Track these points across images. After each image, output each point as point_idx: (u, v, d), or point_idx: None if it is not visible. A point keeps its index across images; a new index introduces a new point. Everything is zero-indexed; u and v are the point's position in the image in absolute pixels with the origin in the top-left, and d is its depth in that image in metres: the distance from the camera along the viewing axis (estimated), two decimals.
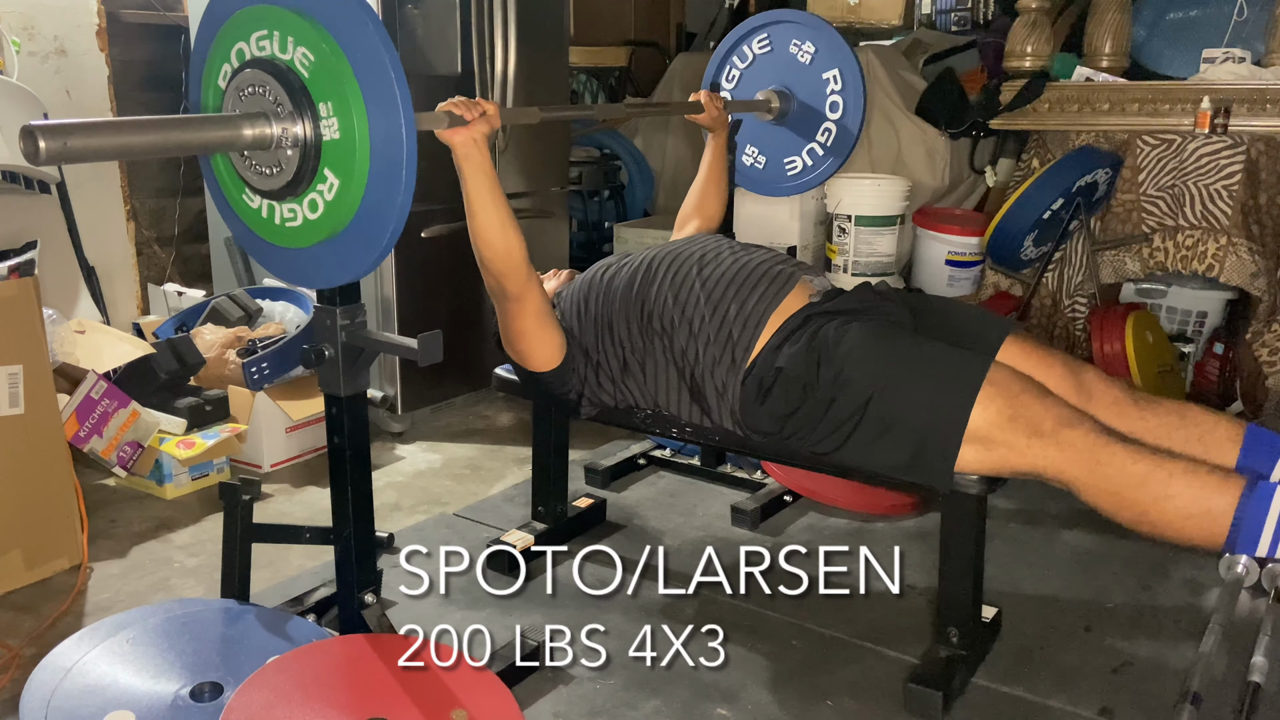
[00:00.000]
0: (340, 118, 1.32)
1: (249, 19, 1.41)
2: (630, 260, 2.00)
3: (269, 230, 1.46)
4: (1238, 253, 3.04)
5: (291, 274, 1.50)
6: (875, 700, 1.76)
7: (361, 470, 1.72)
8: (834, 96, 2.58)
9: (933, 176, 3.73)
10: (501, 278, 1.77)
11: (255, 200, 1.46)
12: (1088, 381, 1.85)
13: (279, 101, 1.35)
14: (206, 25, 1.49)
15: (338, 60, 1.31)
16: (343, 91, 1.31)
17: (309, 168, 1.36)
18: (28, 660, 1.80)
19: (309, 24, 1.33)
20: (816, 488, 2.48)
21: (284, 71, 1.35)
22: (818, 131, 2.61)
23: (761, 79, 2.69)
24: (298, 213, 1.40)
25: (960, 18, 4.67)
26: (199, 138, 1.35)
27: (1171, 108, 3.06)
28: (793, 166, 2.68)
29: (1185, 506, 1.56)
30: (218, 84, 1.46)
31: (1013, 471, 1.65)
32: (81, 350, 2.69)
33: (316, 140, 1.34)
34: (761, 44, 2.68)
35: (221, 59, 1.45)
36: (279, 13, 1.37)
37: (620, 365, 1.94)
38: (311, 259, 1.43)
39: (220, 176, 1.52)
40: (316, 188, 1.37)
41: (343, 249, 1.38)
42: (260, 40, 1.39)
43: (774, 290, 1.87)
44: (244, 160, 1.42)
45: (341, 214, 1.35)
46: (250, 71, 1.38)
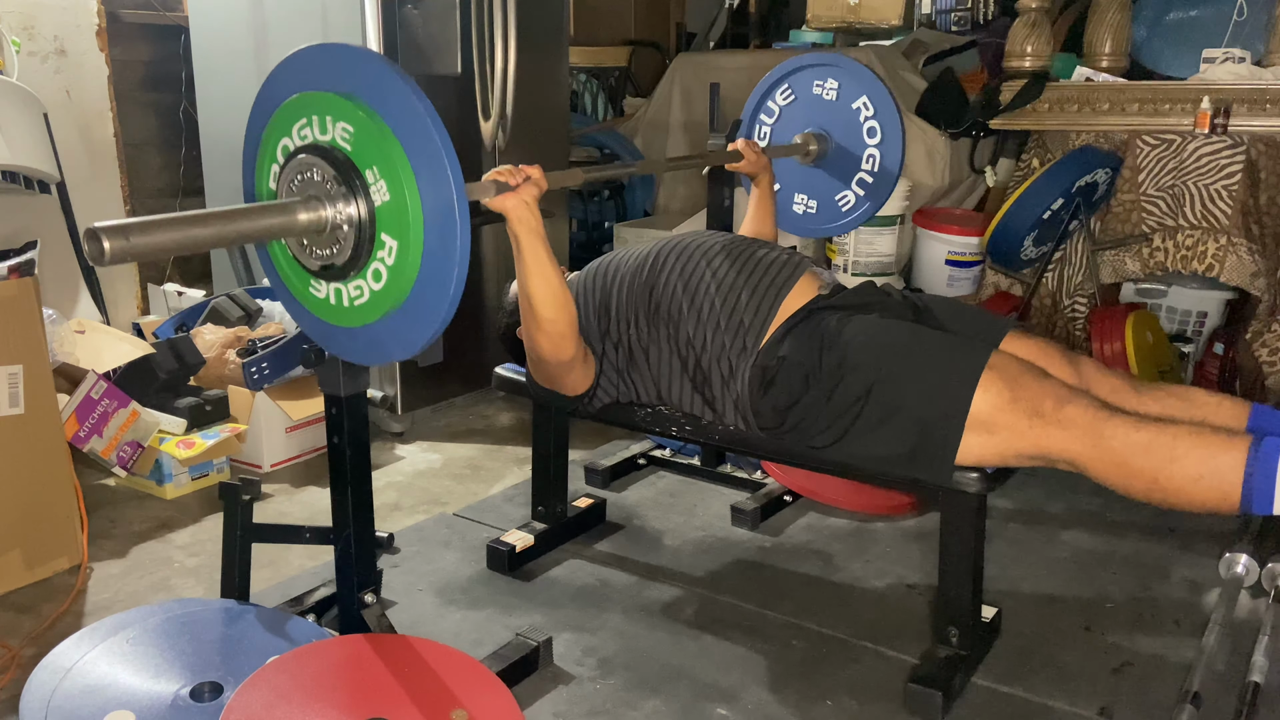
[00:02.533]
0: (388, 179, 1.34)
1: (287, 114, 1.44)
2: (636, 251, 2.01)
3: (340, 314, 1.47)
4: (1238, 253, 3.04)
5: (371, 353, 1.49)
6: (875, 700, 1.76)
7: (361, 470, 1.72)
8: (869, 123, 2.57)
9: (933, 176, 3.73)
10: (559, 340, 1.79)
11: (322, 289, 1.48)
12: (1086, 372, 1.85)
13: (327, 179, 1.37)
14: (251, 136, 1.52)
15: (376, 125, 1.33)
16: (386, 153, 1.33)
17: (366, 236, 1.38)
18: (28, 660, 1.80)
19: (344, 100, 1.36)
20: (816, 488, 2.48)
21: (327, 150, 1.38)
22: (862, 160, 2.60)
23: (793, 128, 2.68)
24: (363, 288, 1.42)
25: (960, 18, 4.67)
26: (256, 226, 1.36)
27: (1171, 108, 3.06)
28: (845, 201, 2.66)
29: (1193, 467, 1.53)
30: (269, 186, 1.48)
31: (1019, 457, 1.65)
32: (81, 350, 2.69)
33: (369, 208, 1.37)
34: (784, 95, 2.67)
35: (270, 160, 1.48)
36: (314, 98, 1.40)
37: (625, 356, 1.95)
38: (386, 331, 1.44)
39: (285, 274, 1.53)
40: (377, 256, 1.38)
41: (413, 311, 1.39)
42: (301, 130, 1.42)
43: (784, 278, 1.88)
44: (304, 249, 1.44)
45: (405, 276, 1.36)
46: (296, 161, 1.41)
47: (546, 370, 1.88)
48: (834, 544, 2.35)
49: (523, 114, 3.09)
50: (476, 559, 2.24)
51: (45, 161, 2.92)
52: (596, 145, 4.44)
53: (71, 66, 3.25)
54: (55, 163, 2.97)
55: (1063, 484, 2.58)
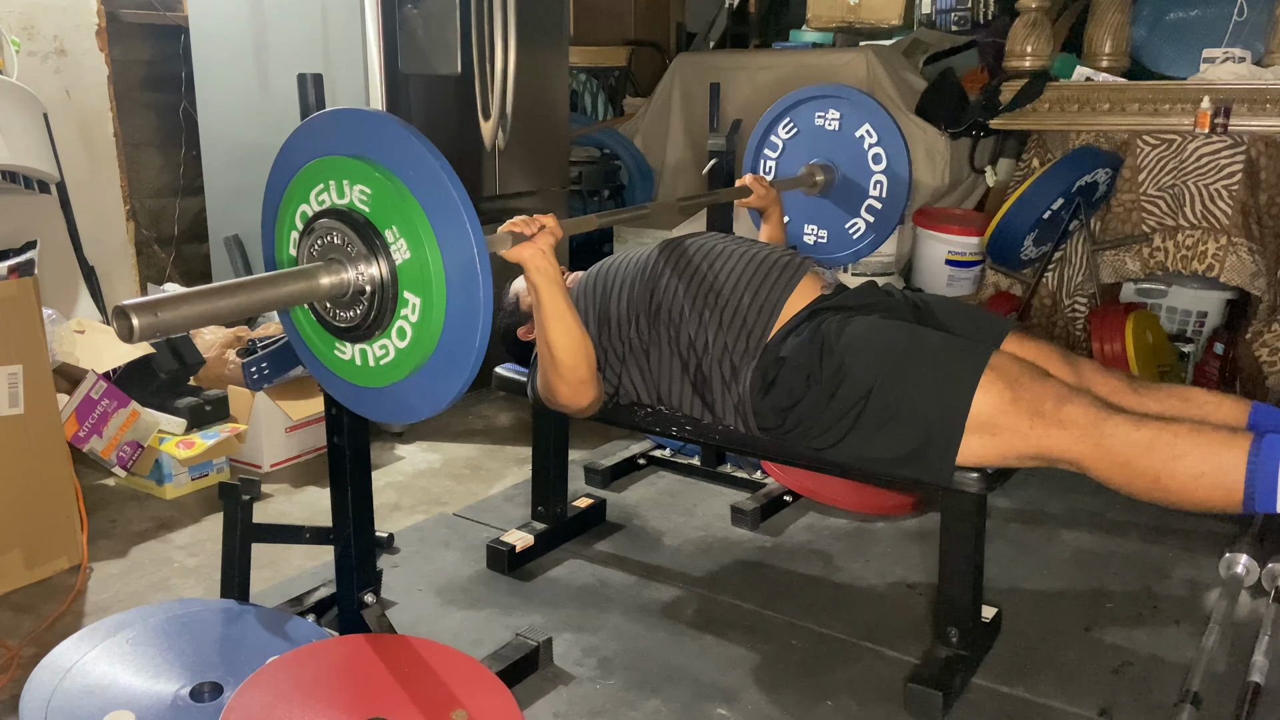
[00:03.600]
0: (408, 238, 1.34)
1: (303, 181, 1.44)
2: (637, 254, 2.01)
3: (366, 375, 1.48)
4: (1238, 253, 3.04)
5: (400, 412, 1.49)
6: (875, 700, 1.76)
7: (361, 470, 1.72)
8: (874, 150, 2.58)
9: (933, 176, 3.73)
10: (579, 386, 1.81)
11: (348, 351, 1.48)
12: (1086, 373, 1.85)
13: (348, 242, 1.38)
14: (269, 204, 1.52)
15: (394, 185, 1.34)
16: (404, 212, 1.34)
17: (389, 295, 1.38)
18: (28, 660, 1.80)
19: (359, 163, 1.37)
20: (816, 488, 2.48)
21: (345, 213, 1.38)
22: (869, 187, 2.61)
23: (798, 160, 2.69)
24: (389, 347, 1.42)
25: (960, 18, 4.67)
26: (281, 293, 1.37)
27: (1171, 108, 3.06)
28: (855, 229, 2.66)
29: (1195, 465, 1.52)
30: (290, 254, 1.49)
31: (1020, 457, 1.65)
32: (81, 350, 2.70)
33: (390, 267, 1.37)
34: (788, 129, 2.68)
35: (289, 228, 1.48)
36: (329, 163, 1.40)
37: (625, 358, 1.95)
38: (413, 388, 1.44)
39: (310, 340, 1.53)
40: (400, 314, 1.39)
41: (439, 366, 1.39)
42: (319, 195, 1.43)
43: (786, 278, 1.88)
44: (328, 312, 1.45)
45: (430, 332, 1.37)
46: (315, 226, 1.42)
47: (559, 405, 1.89)
48: (834, 544, 2.35)
49: (523, 114, 3.09)
50: (476, 559, 2.24)
51: (45, 161, 2.92)
52: (596, 145, 4.44)
53: (71, 66, 3.25)
54: (55, 163, 2.97)
55: (1063, 484, 2.58)
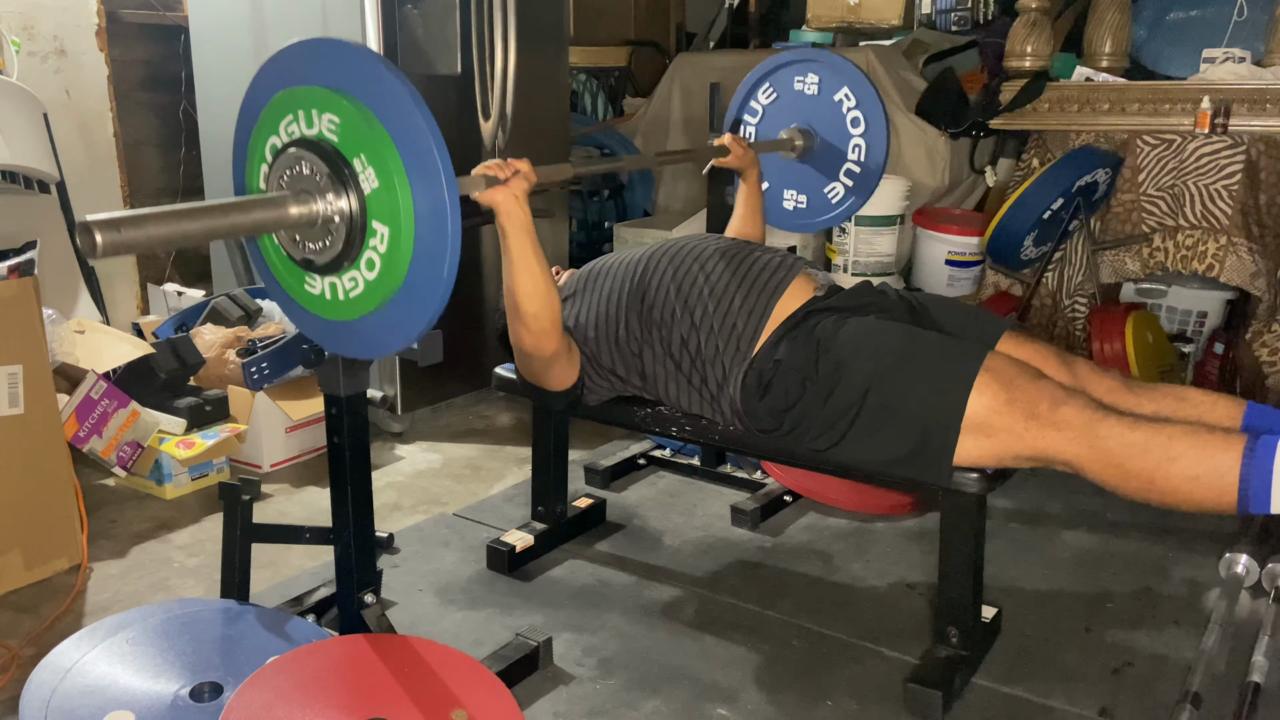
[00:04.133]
0: (376, 166, 1.34)
1: (273, 113, 1.44)
2: (630, 255, 2.01)
3: (336, 309, 1.47)
4: (1238, 253, 3.04)
5: (370, 346, 1.49)
6: (875, 700, 1.76)
7: (361, 470, 1.72)
8: (852, 113, 2.58)
9: (933, 176, 3.73)
10: (543, 336, 1.79)
11: (317, 284, 1.47)
12: (1081, 373, 1.85)
13: (316, 172, 1.37)
14: (239, 139, 1.51)
15: (361, 113, 1.33)
16: (372, 140, 1.33)
17: (358, 225, 1.38)
18: (28, 660, 1.80)
19: (327, 92, 1.36)
20: (816, 488, 2.48)
21: (314, 142, 1.38)
22: (848, 151, 2.61)
23: (778, 125, 2.69)
24: (358, 279, 1.42)
25: (960, 18, 4.67)
26: (248, 219, 1.37)
27: (1171, 108, 3.06)
28: (834, 193, 2.66)
29: (1190, 467, 1.53)
30: (259, 186, 1.48)
31: (1015, 458, 1.65)
32: (81, 350, 2.69)
33: (359, 197, 1.37)
34: (767, 94, 2.68)
35: (259, 160, 1.48)
36: (298, 93, 1.40)
37: (618, 358, 1.95)
38: (383, 321, 1.43)
39: (279, 274, 1.52)
40: (369, 244, 1.38)
41: (409, 297, 1.39)
42: (289, 127, 1.42)
43: (777, 281, 1.88)
44: (297, 245, 1.44)
45: (399, 263, 1.36)
46: (284, 156, 1.42)
47: (531, 366, 1.88)
48: (834, 544, 2.35)
49: (523, 114, 3.09)
50: (476, 559, 2.24)
51: (45, 161, 2.92)
52: (596, 145, 4.44)
53: (71, 66, 3.25)
54: (55, 163, 2.97)
55: (1063, 484, 2.58)
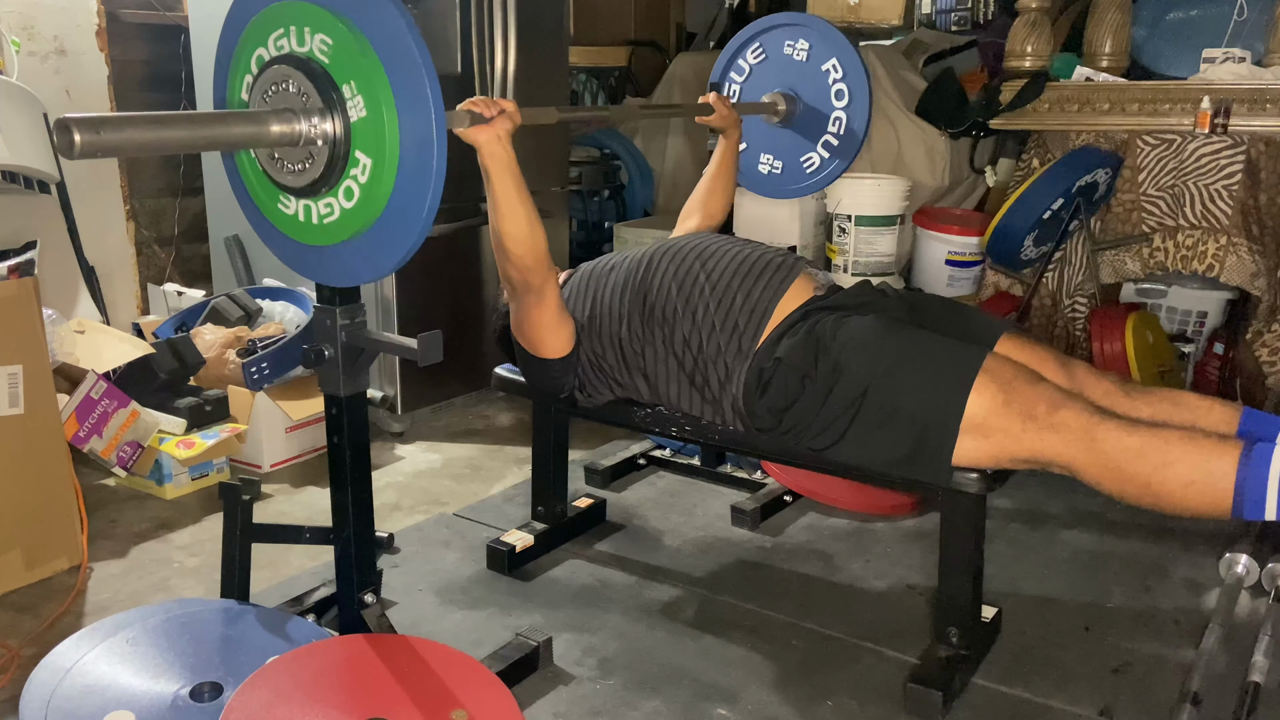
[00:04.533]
0: (365, 95, 1.30)
1: (263, 24, 1.40)
2: (631, 254, 2.01)
3: (307, 232, 1.43)
4: (1238, 253, 3.04)
5: (339, 274, 1.46)
6: (875, 700, 1.76)
7: (361, 470, 1.72)
8: (838, 85, 2.58)
9: (933, 176, 3.73)
10: (527, 272, 1.78)
11: (291, 204, 1.44)
12: (1079, 376, 1.86)
13: (303, 92, 1.33)
14: (224, 44, 1.48)
15: (356, 38, 1.29)
16: (365, 69, 1.29)
17: (341, 153, 1.34)
18: (28, 660, 1.80)
19: (324, 11, 1.32)
20: (816, 488, 2.48)
21: (303, 61, 1.34)
22: (828, 123, 2.61)
23: (763, 87, 2.69)
24: (334, 205, 1.38)
25: (960, 18, 4.67)
26: (228, 133, 1.33)
27: (1171, 108, 3.06)
28: (810, 163, 2.67)
29: (1186, 472, 1.53)
30: (242, 97, 1.44)
31: (1012, 460, 1.65)
32: (81, 350, 2.69)
33: (345, 124, 1.33)
34: (756, 54, 2.68)
35: (243, 71, 1.43)
36: (292, 7, 1.36)
37: (620, 357, 1.95)
38: (355, 251, 1.40)
39: (252, 188, 1.49)
40: (350, 173, 1.34)
41: (384, 232, 1.35)
42: (278, 40, 1.38)
43: (779, 279, 1.88)
44: (275, 163, 1.40)
45: (378, 196, 1.33)
46: (270, 71, 1.37)
47: (522, 316, 1.87)
48: (834, 544, 2.35)
49: None
50: (476, 559, 2.24)
51: (45, 161, 2.92)
52: (596, 145, 4.44)
53: (71, 66, 3.25)
54: (55, 163, 2.97)
55: (1063, 484, 2.55)
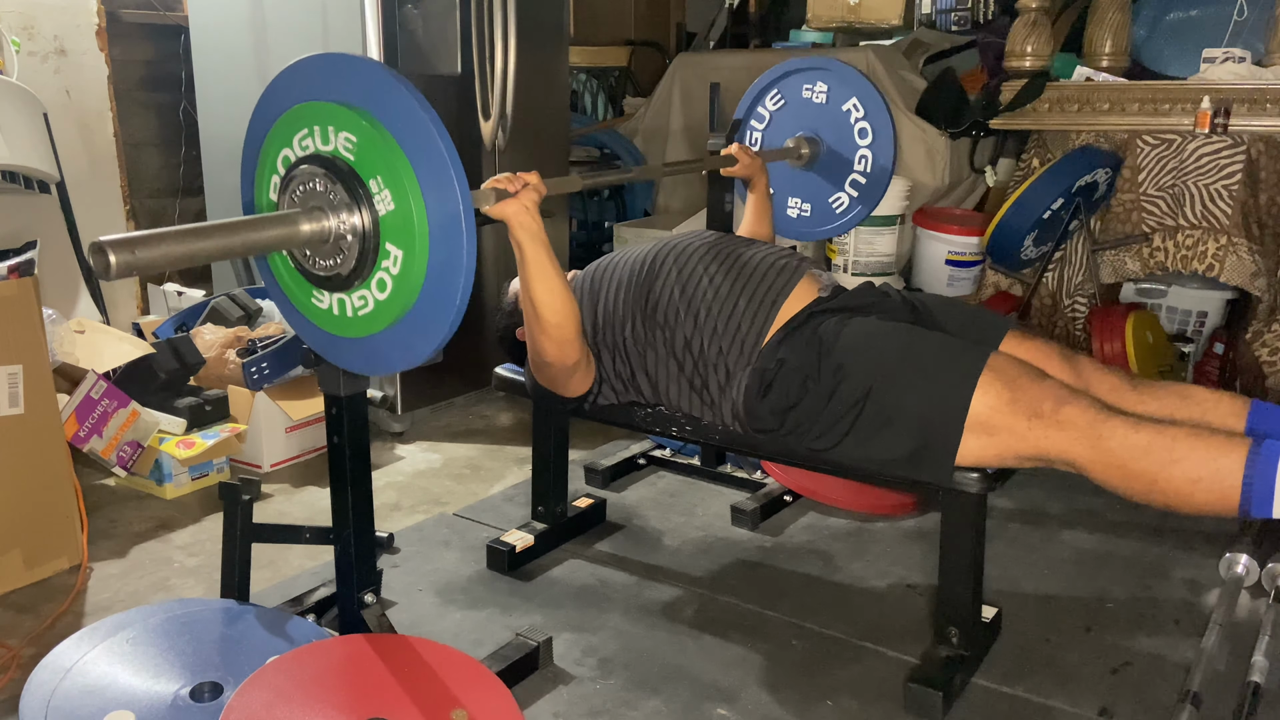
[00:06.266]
0: (392, 188, 1.33)
1: (287, 125, 1.42)
2: (633, 254, 2.00)
3: (343, 325, 1.46)
4: (1238, 253, 3.04)
5: (375, 364, 1.48)
6: (875, 700, 1.76)
7: (361, 470, 1.72)
8: (860, 124, 2.57)
9: (933, 176, 3.73)
10: (564, 344, 1.78)
11: (325, 300, 1.46)
12: (1085, 371, 1.85)
13: (330, 190, 1.36)
14: (250, 148, 1.50)
15: (379, 134, 1.32)
16: (390, 162, 1.32)
17: (371, 246, 1.37)
18: (28, 660, 1.80)
19: (346, 110, 1.35)
20: (816, 488, 2.48)
21: (329, 160, 1.37)
22: (854, 162, 2.59)
23: (785, 132, 2.68)
24: (368, 298, 1.41)
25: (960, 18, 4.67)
26: (260, 237, 1.35)
27: (1171, 108, 3.06)
28: (839, 203, 2.65)
29: (1192, 470, 1.52)
30: (270, 198, 1.47)
31: (1018, 458, 1.65)
32: (81, 350, 2.69)
33: (374, 218, 1.36)
34: (774, 100, 2.67)
35: (270, 171, 1.46)
36: (315, 108, 1.39)
37: (623, 359, 1.95)
38: (390, 341, 1.42)
39: (286, 285, 1.51)
40: (381, 265, 1.37)
41: (419, 320, 1.38)
42: (303, 141, 1.41)
43: (781, 282, 1.88)
44: (307, 259, 1.43)
45: (411, 285, 1.35)
46: (297, 171, 1.40)
47: (550, 374, 1.88)
48: (834, 544, 2.35)
49: (523, 114, 3.09)
50: (476, 559, 2.24)
51: (45, 161, 2.92)
52: (596, 145, 4.44)
53: (71, 66, 3.25)
54: (55, 163, 2.97)
55: (1063, 484, 2.58)
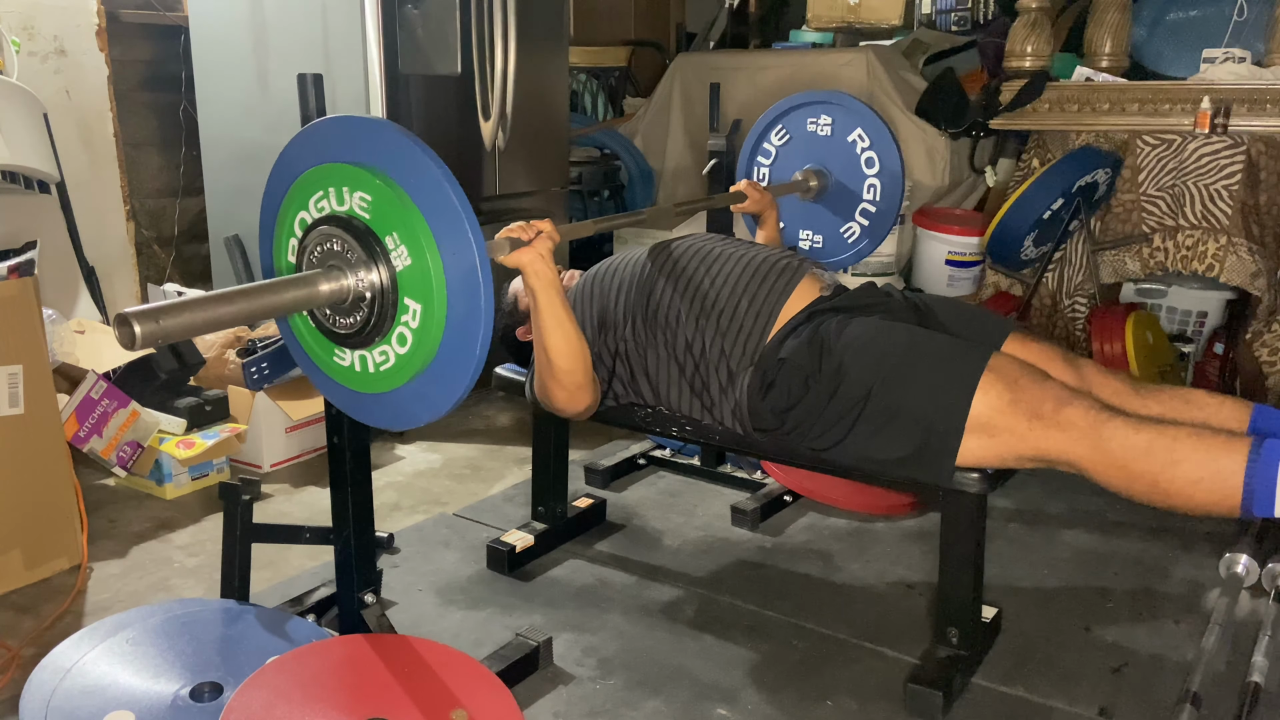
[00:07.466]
0: (408, 245, 1.35)
1: (302, 189, 1.44)
2: (634, 256, 2.01)
3: (366, 381, 1.47)
4: (1238, 253, 3.04)
5: (399, 418, 1.49)
6: (875, 700, 1.76)
7: (361, 470, 1.72)
8: (866, 154, 2.59)
9: (933, 176, 3.73)
10: (576, 390, 1.79)
11: (347, 357, 1.48)
12: (1087, 373, 1.85)
13: (348, 249, 1.38)
14: (267, 212, 1.52)
15: (394, 192, 1.34)
16: (405, 219, 1.34)
17: (390, 301, 1.39)
18: (28, 660, 1.80)
19: (360, 170, 1.37)
20: (816, 488, 2.48)
21: (345, 220, 1.39)
22: (863, 191, 2.61)
23: (792, 167, 2.69)
24: (389, 353, 1.42)
25: (960, 18, 4.67)
26: (281, 300, 1.37)
27: (1171, 108, 3.06)
28: (850, 233, 2.67)
29: (1193, 470, 1.53)
30: (289, 260, 1.49)
31: (1019, 459, 1.65)
32: (81, 350, 2.70)
33: (391, 274, 1.38)
34: (780, 136, 2.69)
35: (288, 235, 1.48)
36: (329, 170, 1.41)
37: (623, 361, 1.95)
38: (413, 394, 1.44)
39: (308, 346, 1.53)
40: (401, 320, 1.39)
41: (440, 372, 1.40)
42: (318, 203, 1.43)
43: (783, 283, 1.88)
44: (328, 318, 1.45)
45: (431, 338, 1.37)
46: (315, 233, 1.42)
47: (555, 409, 1.89)
48: (834, 544, 2.35)
49: (523, 114, 3.09)
50: (476, 559, 2.24)
51: (45, 161, 2.92)
52: (596, 145, 4.44)
53: (71, 66, 3.25)
54: (55, 163, 2.97)
55: (1063, 484, 2.58)
